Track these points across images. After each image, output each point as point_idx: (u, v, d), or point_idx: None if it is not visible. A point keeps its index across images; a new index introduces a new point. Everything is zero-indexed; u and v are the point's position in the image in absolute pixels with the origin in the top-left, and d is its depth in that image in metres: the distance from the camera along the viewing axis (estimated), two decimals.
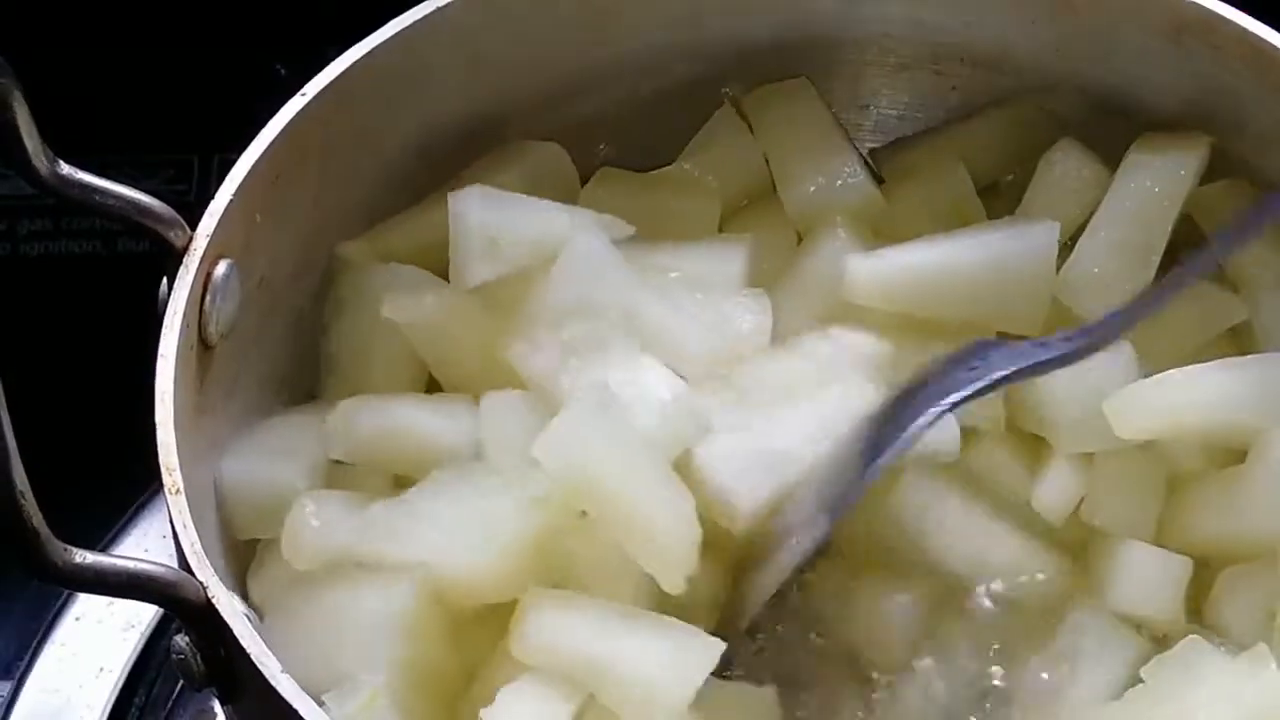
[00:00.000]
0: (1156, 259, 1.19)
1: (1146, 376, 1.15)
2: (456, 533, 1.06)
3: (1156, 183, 1.19)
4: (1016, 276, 1.17)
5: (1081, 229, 1.21)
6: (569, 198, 1.26)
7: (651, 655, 1.03)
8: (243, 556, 1.14)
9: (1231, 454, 1.16)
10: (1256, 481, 1.12)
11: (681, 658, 1.03)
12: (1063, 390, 1.15)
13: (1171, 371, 1.14)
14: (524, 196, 1.19)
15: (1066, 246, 1.20)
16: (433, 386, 1.21)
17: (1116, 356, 1.15)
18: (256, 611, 1.08)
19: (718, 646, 1.04)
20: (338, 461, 1.16)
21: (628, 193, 1.27)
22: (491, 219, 1.16)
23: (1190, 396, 1.13)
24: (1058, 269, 1.19)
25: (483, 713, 1.01)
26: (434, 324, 1.17)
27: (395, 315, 1.16)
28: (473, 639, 1.08)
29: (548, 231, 1.16)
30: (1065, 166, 1.24)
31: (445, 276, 1.19)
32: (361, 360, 1.20)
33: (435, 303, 1.17)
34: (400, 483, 1.14)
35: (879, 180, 1.31)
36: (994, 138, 1.29)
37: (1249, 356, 1.16)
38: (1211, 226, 1.22)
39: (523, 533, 1.06)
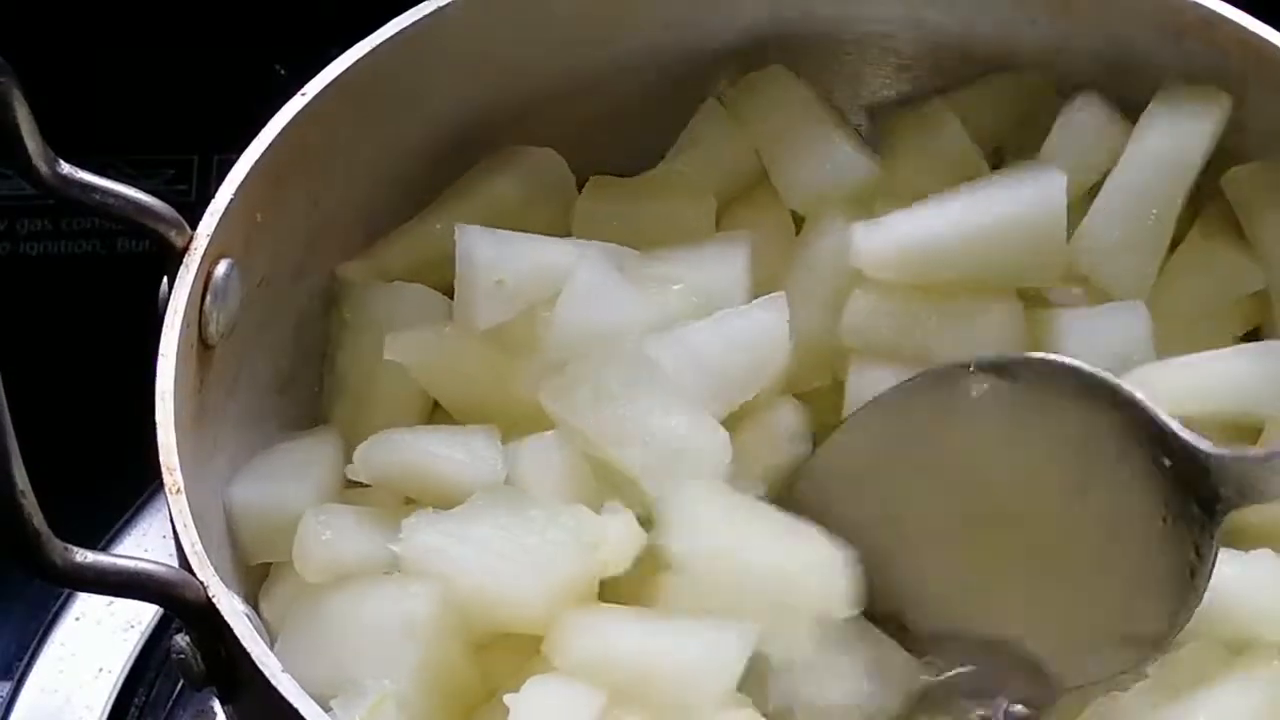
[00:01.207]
0: (1173, 222, 1.18)
1: (1159, 337, 1.15)
2: (498, 560, 1.06)
3: (1174, 140, 1.18)
4: (1027, 231, 1.16)
5: (1098, 185, 1.20)
6: (566, 203, 1.27)
7: (690, 649, 1.04)
8: (254, 580, 1.14)
9: (1241, 434, 1.15)
10: None
11: (719, 649, 1.04)
12: (1075, 349, 1.14)
13: (1182, 357, 1.14)
14: (528, 235, 1.18)
15: (1086, 200, 1.19)
16: (439, 408, 1.21)
17: (1131, 316, 1.16)
18: (269, 631, 1.08)
19: (752, 634, 1.04)
20: (348, 486, 1.17)
21: (621, 200, 1.27)
22: (497, 259, 1.15)
23: (1200, 383, 1.14)
24: (1075, 230, 1.18)
25: (507, 699, 1.01)
26: (438, 361, 1.17)
27: (398, 356, 1.16)
28: (496, 653, 1.09)
29: (553, 266, 1.16)
30: (1085, 120, 1.22)
31: (447, 291, 1.19)
32: (368, 384, 1.20)
33: (438, 342, 1.17)
34: (412, 504, 1.14)
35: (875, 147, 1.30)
36: (995, 100, 1.27)
37: (1260, 344, 1.16)
38: (1246, 206, 1.21)
39: (573, 575, 1.06)
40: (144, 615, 1.38)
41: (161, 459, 1.00)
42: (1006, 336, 1.17)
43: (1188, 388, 1.13)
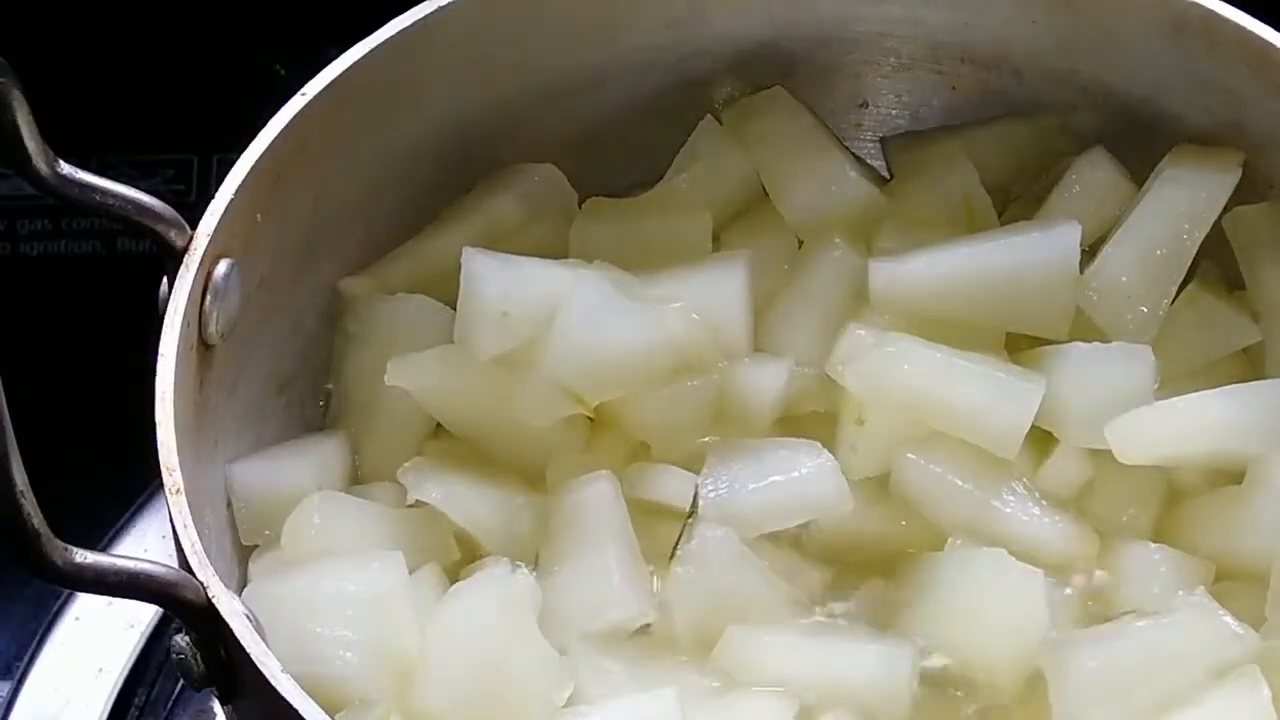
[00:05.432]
0: (1182, 273, 1.19)
1: (1159, 384, 1.16)
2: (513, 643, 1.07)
3: (1188, 199, 1.19)
4: (1038, 280, 1.18)
5: (1102, 240, 1.21)
6: (567, 218, 1.27)
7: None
8: (248, 558, 1.14)
9: (1229, 474, 1.16)
10: (1254, 504, 1.13)
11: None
12: (1076, 389, 1.15)
13: (1174, 399, 1.15)
14: (532, 259, 1.18)
15: (1087, 255, 1.20)
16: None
17: (1137, 358, 1.16)
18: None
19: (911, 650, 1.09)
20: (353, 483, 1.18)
21: (618, 220, 1.26)
22: (503, 291, 1.15)
23: (1192, 425, 1.14)
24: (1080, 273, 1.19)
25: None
26: (440, 385, 1.17)
27: (400, 381, 1.16)
28: None
29: (555, 294, 1.16)
30: (1094, 175, 1.23)
31: (449, 303, 1.19)
32: (373, 399, 1.20)
33: (440, 366, 1.17)
34: (416, 507, 1.15)
35: (881, 173, 1.32)
36: (1006, 144, 1.28)
37: (1250, 383, 1.16)
38: (1246, 247, 1.22)
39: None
40: (144, 615, 1.37)
41: (161, 459, 1.00)
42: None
43: (1178, 430, 1.14)
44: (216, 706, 1.18)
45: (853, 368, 1.16)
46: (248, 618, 0.96)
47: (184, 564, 0.97)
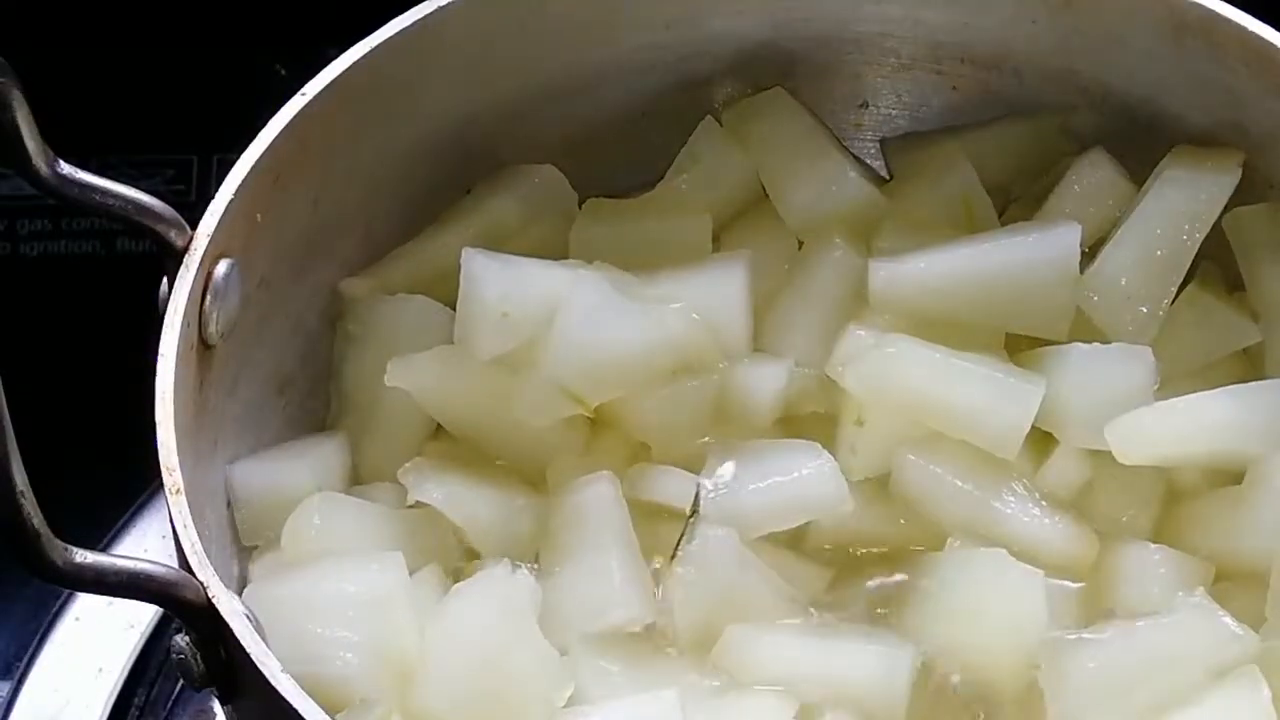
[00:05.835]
0: (1182, 273, 1.19)
1: (1159, 385, 1.17)
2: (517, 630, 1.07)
3: (1188, 200, 1.19)
4: (1038, 280, 1.18)
5: (1101, 240, 1.21)
6: (567, 219, 1.27)
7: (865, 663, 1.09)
8: (248, 558, 1.14)
9: (1229, 474, 1.16)
10: (1255, 505, 1.13)
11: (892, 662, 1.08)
12: (1076, 390, 1.15)
13: (1174, 400, 1.15)
14: (532, 260, 1.19)
15: (1087, 255, 1.20)
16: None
17: (1137, 359, 1.16)
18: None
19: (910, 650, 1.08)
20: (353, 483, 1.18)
21: (618, 221, 1.27)
22: (503, 291, 1.15)
23: (1192, 425, 1.14)
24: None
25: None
26: (439, 386, 1.18)
27: (400, 381, 1.16)
28: None
29: (556, 295, 1.16)
30: (1094, 176, 1.23)
31: (450, 303, 1.19)
32: (373, 399, 1.20)
33: (439, 367, 1.17)
34: (416, 508, 1.15)
35: (881, 174, 1.32)
36: (1006, 144, 1.28)
37: (1250, 384, 1.16)
38: (1246, 248, 1.22)
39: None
40: (144, 615, 1.37)
41: (161, 459, 1.00)
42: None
43: (1178, 430, 1.14)
44: (216, 706, 1.18)
45: (853, 368, 1.16)
46: (248, 618, 0.96)
47: (184, 564, 0.97)
